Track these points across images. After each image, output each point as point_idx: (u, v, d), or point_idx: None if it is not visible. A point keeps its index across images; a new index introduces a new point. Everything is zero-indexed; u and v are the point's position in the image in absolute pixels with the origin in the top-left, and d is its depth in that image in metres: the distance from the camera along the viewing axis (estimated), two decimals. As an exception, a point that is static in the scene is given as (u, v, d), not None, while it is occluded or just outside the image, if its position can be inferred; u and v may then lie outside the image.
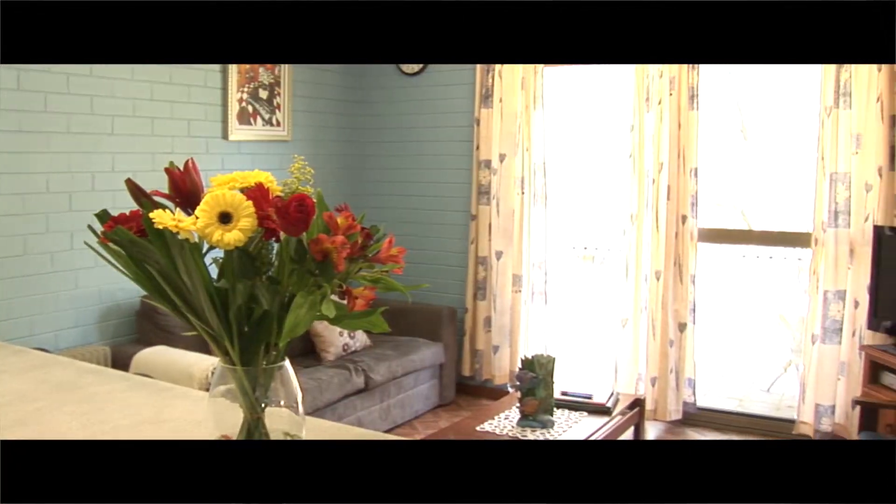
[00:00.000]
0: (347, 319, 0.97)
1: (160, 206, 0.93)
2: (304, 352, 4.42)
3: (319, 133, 5.19)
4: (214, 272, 0.95)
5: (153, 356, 3.53)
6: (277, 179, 0.98)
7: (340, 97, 5.34)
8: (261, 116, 4.72)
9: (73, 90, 3.71)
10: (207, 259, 0.93)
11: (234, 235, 0.88)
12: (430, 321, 4.90)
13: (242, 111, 4.58)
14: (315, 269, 0.92)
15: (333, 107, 5.29)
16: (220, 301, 0.93)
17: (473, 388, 5.20)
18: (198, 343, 3.51)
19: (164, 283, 0.94)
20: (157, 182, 0.96)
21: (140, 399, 1.51)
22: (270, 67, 4.76)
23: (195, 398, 1.52)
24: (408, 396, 4.59)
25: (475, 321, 5.10)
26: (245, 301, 0.92)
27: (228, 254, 0.92)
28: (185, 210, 0.96)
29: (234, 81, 4.51)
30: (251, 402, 0.98)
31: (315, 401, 3.80)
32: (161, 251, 0.91)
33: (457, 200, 5.19)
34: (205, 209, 0.89)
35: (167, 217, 0.88)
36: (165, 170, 0.96)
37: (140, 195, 0.98)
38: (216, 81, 4.43)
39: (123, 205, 0.92)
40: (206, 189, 0.94)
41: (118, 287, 3.97)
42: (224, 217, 0.89)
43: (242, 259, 0.93)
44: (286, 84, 4.86)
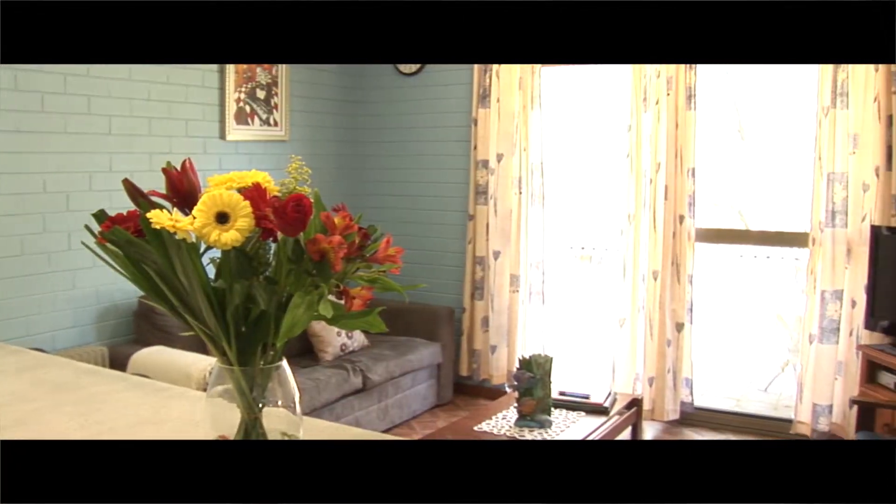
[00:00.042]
0: (345, 319, 0.97)
1: (157, 207, 0.93)
2: (302, 352, 4.42)
3: (317, 133, 5.18)
4: (212, 272, 0.95)
5: (151, 356, 3.53)
6: (275, 179, 0.98)
7: (338, 97, 5.34)
8: (258, 116, 4.71)
9: (71, 90, 3.71)
10: (205, 259, 0.93)
11: (232, 235, 0.88)
12: (428, 321, 4.90)
13: (240, 111, 4.58)
14: (312, 269, 0.92)
15: (331, 107, 5.28)
16: (218, 301, 0.93)
17: (471, 388, 5.20)
18: (195, 343, 3.50)
19: (162, 284, 0.94)
20: (155, 182, 0.96)
21: (138, 399, 1.51)
22: (268, 67, 4.76)
23: (193, 398, 1.52)
24: (405, 396, 4.59)
25: (473, 321, 5.10)
26: (242, 301, 0.92)
27: (226, 254, 0.92)
28: (183, 210, 0.96)
29: (232, 81, 4.50)
30: (248, 403, 0.98)
31: (313, 401, 3.80)
32: (158, 251, 0.91)
33: (454, 200, 5.19)
34: (202, 209, 0.89)
35: (164, 217, 0.88)
36: (163, 170, 0.96)
37: (137, 195, 0.98)
38: (214, 81, 4.43)
39: (121, 205, 0.92)
40: (204, 189, 0.94)
41: (116, 287, 3.96)
42: (221, 217, 0.89)
43: (240, 259, 0.93)
44: (283, 84, 4.86)
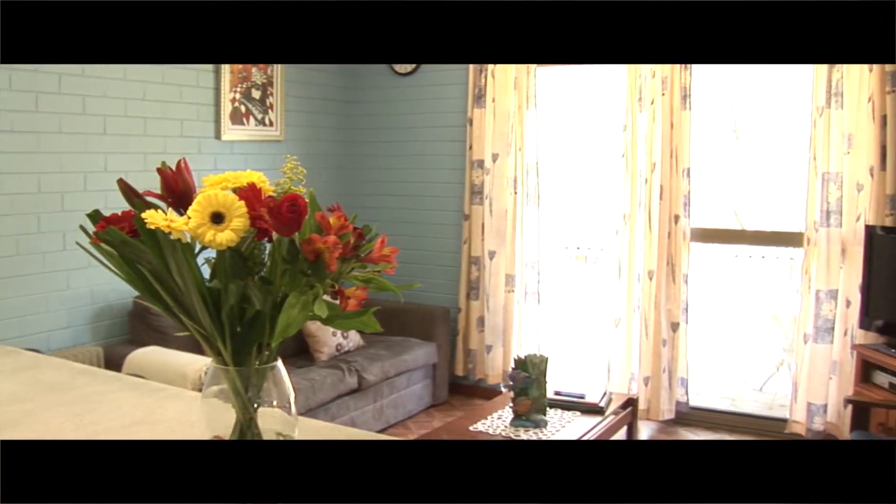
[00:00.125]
0: (340, 319, 0.97)
1: (152, 207, 0.93)
2: (297, 352, 4.42)
3: (312, 133, 5.18)
4: (207, 272, 0.95)
5: (146, 357, 3.52)
6: (270, 179, 0.98)
7: (333, 97, 5.34)
8: (253, 116, 4.71)
9: (65, 90, 3.70)
10: (200, 259, 0.93)
11: (227, 236, 0.88)
12: (423, 321, 4.91)
13: (235, 111, 4.58)
14: (307, 269, 0.92)
15: (326, 107, 5.28)
16: (213, 301, 0.93)
17: (466, 388, 5.20)
18: (190, 343, 3.49)
19: (157, 284, 0.94)
20: (150, 182, 0.95)
21: (133, 400, 1.51)
22: (263, 67, 4.75)
23: (188, 399, 1.52)
24: (401, 396, 4.59)
25: (468, 321, 5.10)
26: (237, 301, 0.92)
27: (221, 254, 0.92)
28: (178, 210, 0.96)
29: (227, 81, 4.50)
30: (244, 403, 0.98)
31: (308, 401, 3.80)
32: (153, 251, 0.91)
33: (450, 200, 5.19)
34: (197, 209, 0.89)
35: (159, 217, 0.88)
36: (157, 170, 0.96)
37: (132, 195, 0.98)
38: (209, 81, 4.43)
39: (116, 205, 0.91)
40: (199, 189, 0.94)
41: (110, 287, 3.96)
42: (216, 217, 0.89)
43: (235, 259, 0.93)
44: (279, 84, 4.85)
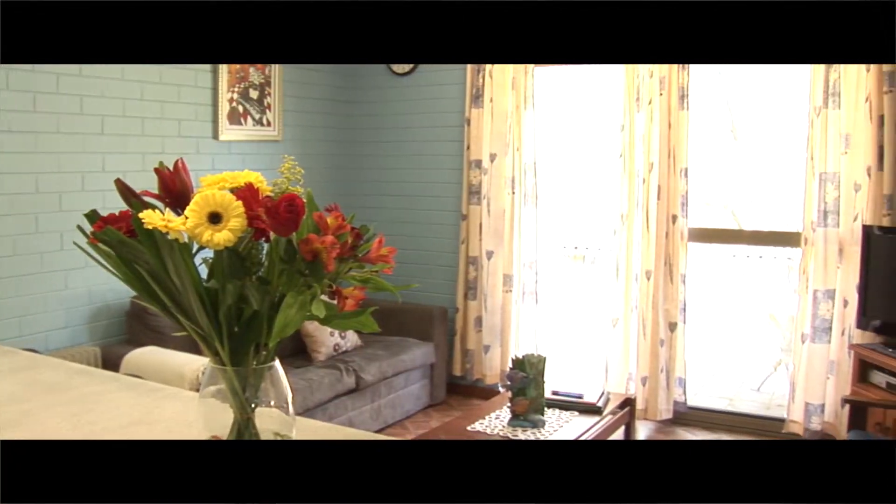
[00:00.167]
0: (337, 319, 0.97)
1: (150, 207, 0.93)
2: (295, 352, 4.42)
3: (310, 133, 5.18)
4: (204, 272, 0.95)
5: (143, 357, 3.52)
6: (267, 179, 0.98)
7: (331, 97, 5.34)
8: (251, 116, 4.71)
9: (63, 90, 3.70)
10: (197, 259, 0.93)
11: (224, 235, 0.88)
12: (421, 321, 4.91)
13: (233, 111, 4.57)
14: (305, 269, 0.92)
15: (324, 107, 5.28)
16: (210, 301, 0.93)
17: (464, 388, 5.20)
18: (188, 343, 3.50)
19: (154, 284, 0.94)
20: (147, 182, 0.95)
21: (130, 400, 1.51)
22: (261, 67, 4.75)
23: (185, 399, 1.52)
24: (398, 396, 4.59)
25: (466, 321, 5.10)
26: (235, 301, 0.92)
27: (218, 254, 0.92)
28: (175, 210, 0.96)
29: (225, 81, 4.50)
30: (241, 403, 0.98)
31: (306, 401, 3.80)
32: (150, 251, 0.91)
33: (447, 200, 5.19)
34: (194, 209, 0.89)
35: (157, 217, 0.88)
36: (155, 170, 0.96)
37: (130, 195, 0.98)
38: (206, 81, 4.42)
39: (113, 205, 0.91)
40: (196, 189, 0.94)
41: (108, 287, 3.95)
42: (214, 217, 0.89)
43: (232, 259, 0.93)
44: (276, 84, 4.85)
